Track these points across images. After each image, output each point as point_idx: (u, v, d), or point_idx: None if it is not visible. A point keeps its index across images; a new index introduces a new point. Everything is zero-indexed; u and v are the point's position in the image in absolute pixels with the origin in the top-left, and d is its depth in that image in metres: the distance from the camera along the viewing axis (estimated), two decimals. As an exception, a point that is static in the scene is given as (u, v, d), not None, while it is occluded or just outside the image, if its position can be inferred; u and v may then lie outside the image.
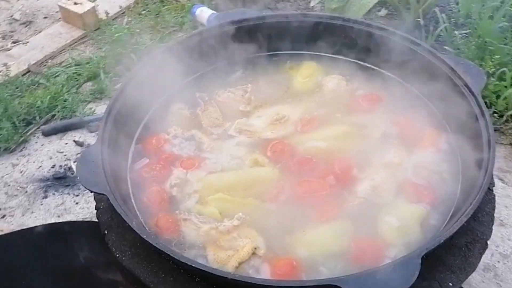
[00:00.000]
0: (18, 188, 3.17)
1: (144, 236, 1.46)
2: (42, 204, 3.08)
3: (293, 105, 2.05)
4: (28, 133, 3.46)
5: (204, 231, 1.64)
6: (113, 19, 4.31)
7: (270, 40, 2.22)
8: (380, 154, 1.83)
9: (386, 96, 2.04)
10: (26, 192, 3.13)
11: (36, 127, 3.50)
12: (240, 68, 2.20)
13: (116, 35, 3.97)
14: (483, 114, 1.73)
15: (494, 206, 1.72)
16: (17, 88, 3.71)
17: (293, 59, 2.23)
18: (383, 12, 4.34)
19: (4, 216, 3.03)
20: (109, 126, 1.78)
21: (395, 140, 1.89)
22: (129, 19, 4.41)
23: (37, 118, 3.52)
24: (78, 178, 1.61)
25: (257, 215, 1.69)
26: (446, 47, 3.60)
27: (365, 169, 1.80)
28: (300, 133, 1.94)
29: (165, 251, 1.42)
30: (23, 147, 3.42)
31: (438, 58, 1.93)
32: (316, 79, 2.14)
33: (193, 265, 1.39)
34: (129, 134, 1.92)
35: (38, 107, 3.51)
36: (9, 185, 3.19)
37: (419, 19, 3.70)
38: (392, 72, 2.09)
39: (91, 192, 1.59)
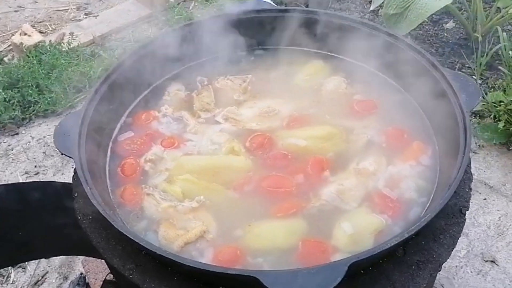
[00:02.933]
0: (56, 149, 3.36)
1: (94, 202, 1.53)
2: (73, 167, 3.24)
3: (288, 100, 2.04)
4: (76, 100, 3.66)
5: (162, 207, 1.68)
6: (179, 3, 4.43)
7: (282, 34, 2.23)
8: (357, 161, 1.79)
9: (383, 103, 1.99)
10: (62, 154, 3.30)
11: (84, 96, 3.69)
12: (248, 57, 2.22)
13: (176, 17, 4.09)
14: (465, 134, 1.65)
15: (461, 230, 1.64)
16: (77, 56, 3.93)
17: (302, 56, 2.22)
18: (450, 24, 4.20)
19: (37, 173, 3.24)
20: (98, 96, 1.86)
21: (378, 148, 1.84)
22: (196, 4, 4.53)
23: (87, 87, 3.72)
24: (53, 138, 1.70)
25: (218, 201, 1.71)
26: (500, 67, 3.43)
27: (337, 173, 1.77)
28: (285, 128, 1.94)
29: (107, 218, 1.48)
30: (69, 112, 3.62)
31: (439, 72, 1.86)
32: (318, 78, 2.12)
33: (125, 234, 1.43)
34: (123, 105, 2.00)
35: (89, 76, 3.70)
36: (48, 146, 3.40)
37: (477, 35, 3.54)
38: (395, 80, 2.04)
39: (62, 154, 1.68)
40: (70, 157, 1.65)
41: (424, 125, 1.91)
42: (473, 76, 3.63)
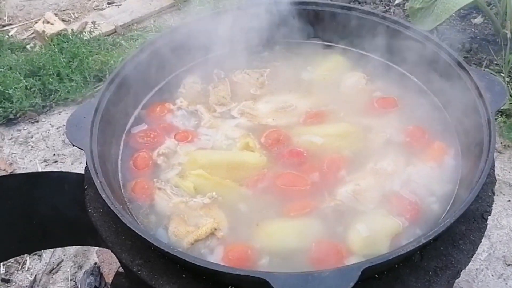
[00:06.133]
0: (74, 138, 3.35)
1: (104, 196, 1.50)
2: (90, 157, 3.23)
3: (306, 96, 1.99)
4: (96, 89, 3.65)
5: (174, 203, 1.65)
6: (202, -7, 4.37)
7: (303, 28, 2.17)
8: (375, 160, 1.74)
9: (404, 101, 1.93)
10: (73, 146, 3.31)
11: (104, 85, 3.66)
12: (266, 51, 2.17)
13: (198, 7, 4.05)
14: (489, 136, 1.59)
15: (482, 236, 1.57)
16: (99, 46, 3.91)
17: (322, 50, 2.17)
18: (479, 20, 4.09)
19: (56, 161, 3.24)
20: (113, 87, 1.83)
21: (397, 148, 1.78)
22: (218, -5, 4.47)
23: (107, 76, 3.69)
24: (65, 129, 1.68)
25: (231, 198, 1.67)
26: (530, 66, 3.32)
27: (353, 173, 1.72)
28: (302, 125, 1.89)
29: (116, 213, 1.45)
30: (89, 101, 3.59)
31: (464, 70, 1.79)
32: (337, 73, 2.06)
33: (134, 229, 1.40)
34: (137, 97, 1.97)
35: (110, 66, 3.68)
36: (67, 134, 3.37)
37: (506, 31, 3.44)
38: (417, 77, 1.98)
39: (73, 145, 1.65)
40: (81, 149, 1.61)
41: (446, 125, 1.84)
42: (501, 74, 3.52)
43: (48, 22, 4.12)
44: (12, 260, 2.78)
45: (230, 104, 1.97)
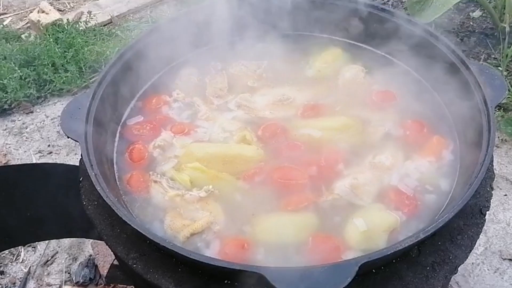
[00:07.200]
0: (69, 129, 3.32)
1: (98, 188, 1.48)
2: (85, 148, 3.20)
3: (303, 89, 1.97)
4: (91, 80, 3.61)
5: (170, 196, 1.63)
6: (198, -17, 4.32)
7: (300, 20, 2.15)
8: (374, 154, 1.72)
9: (403, 95, 1.91)
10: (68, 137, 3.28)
11: (100, 76, 3.63)
12: (263, 43, 2.13)
13: (195, -2, 4.00)
14: (489, 131, 1.57)
15: (480, 231, 1.56)
16: (94, 36, 3.88)
17: (320, 43, 2.14)
18: (477, 13, 4.06)
19: (51, 152, 3.22)
20: (109, 78, 1.81)
21: (396, 142, 1.77)
22: (216, -15, 4.42)
23: (103, 67, 3.65)
24: (60, 121, 1.65)
25: (227, 191, 1.66)
26: (527, 60, 3.30)
27: (351, 167, 1.70)
28: (299, 118, 1.87)
29: (110, 206, 1.43)
30: (84, 92, 3.56)
31: (464, 64, 1.77)
32: (335, 66, 2.04)
33: (129, 223, 1.38)
34: (133, 88, 1.95)
35: (106, 56, 3.64)
36: (62, 125, 3.34)
37: (504, 25, 3.42)
38: (416, 71, 1.96)
39: (68, 137, 1.63)
40: (76, 140, 1.59)
41: (445, 119, 1.83)
42: (499, 68, 3.51)
43: (43, 12, 4.08)
44: (6, 251, 2.76)
45: (227, 96, 1.95)
